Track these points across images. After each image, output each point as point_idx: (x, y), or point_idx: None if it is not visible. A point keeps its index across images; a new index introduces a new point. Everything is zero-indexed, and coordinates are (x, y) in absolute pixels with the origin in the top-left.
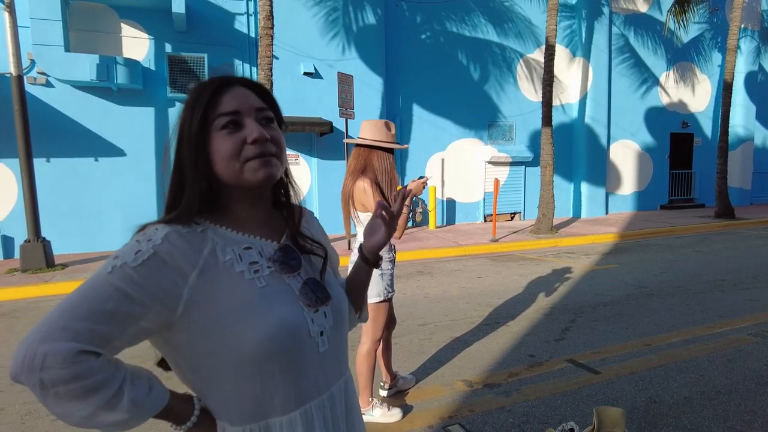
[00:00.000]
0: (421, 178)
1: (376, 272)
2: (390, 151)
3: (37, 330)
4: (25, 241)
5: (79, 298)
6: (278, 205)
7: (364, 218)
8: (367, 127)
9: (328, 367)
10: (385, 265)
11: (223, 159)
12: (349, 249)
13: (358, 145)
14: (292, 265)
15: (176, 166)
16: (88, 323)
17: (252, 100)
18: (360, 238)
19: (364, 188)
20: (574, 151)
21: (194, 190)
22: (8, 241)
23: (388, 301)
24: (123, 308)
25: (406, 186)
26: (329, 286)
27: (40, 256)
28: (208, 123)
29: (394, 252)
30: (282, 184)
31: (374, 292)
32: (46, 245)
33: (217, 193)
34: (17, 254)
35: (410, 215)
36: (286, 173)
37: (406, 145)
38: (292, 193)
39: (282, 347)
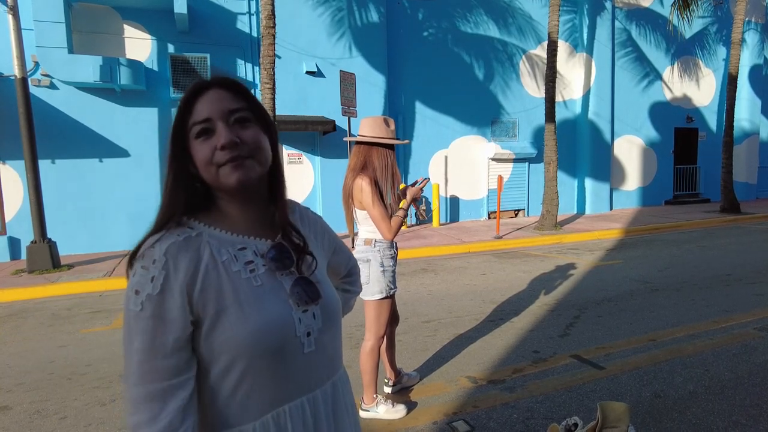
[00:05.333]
0: (414, 184)
1: (378, 269)
2: (390, 147)
3: (131, 413)
4: (32, 242)
5: (138, 353)
6: (271, 201)
7: (361, 216)
8: (366, 124)
9: (313, 368)
10: (387, 261)
11: (201, 166)
12: (352, 247)
13: (358, 142)
14: (284, 263)
15: (168, 171)
16: (164, 367)
17: (225, 103)
18: (361, 235)
19: (362, 187)
20: (578, 147)
21: (176, 194)
22: (15, 243)
23: (390, 297)
24: (176, 330)
25: (407, 187)
26: (321, 285)
27: (46, 257)
28: (186, 131)
29: (396, 249)
30: (274, 179)
31: (376, 289)
32: (52, 246)
33: (210, 194)
34: (24, 255)
35: (414, 214)
36: (277, 167)
37: (406, 141)
38: (281, 188)
39: (266, 345)
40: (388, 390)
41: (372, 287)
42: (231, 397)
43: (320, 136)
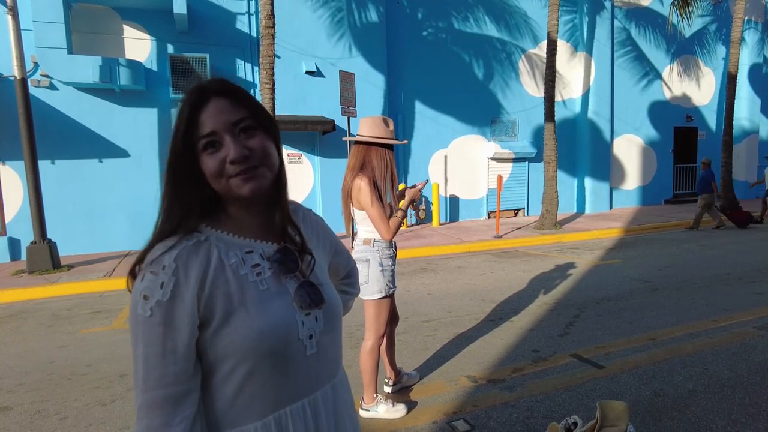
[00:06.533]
0: (413, 186)
1: (377, 268)
2: (389, 147)
3: (142, 417)
4: (31, 242)
5: (147, 359)
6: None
7: (360, 216)
8: (365, 123)
9: (314, 371)
10: (386, 261)
11: (210, 177)
12: (351, 247)
13: (357, 142)
14: (289, 267)
15: (167, 177)
16: (174, 373)
17: (227, 114)
18: (360, 235)
19: (361, 187)
20: (578, 147)
21: (185, 202)
22: (15, 243)
23: (389, 297)
24: (185, 336)
25: (406, 189)
26: (323, 288)
27: (47, 258)
28: (193, 143)
29: (395, 248)
30: (277, 180)
31: (376, 289)
32: (52, 246)
33: (216, 198)
34: (24, 256)
35: (414, 214)
36: (281, 168)
37: (404, 141)
38: (284, 188)
39: (269, 347)
40: (388, 389)
41: (371, 287)
42: (234, 399)
43: (320, 135)
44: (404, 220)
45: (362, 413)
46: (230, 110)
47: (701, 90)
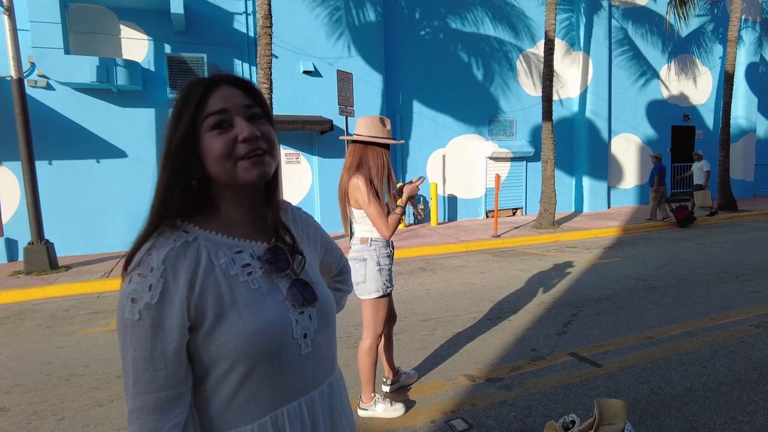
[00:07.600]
0: (411, 182)
1: (374, 268)
2: (386, 146)
3: (132, 422)
4: (29, 243)
5: (137, 363)
6: (266, 202)
7: (358, 215)
8: (362, 123)
9: (310, 370)
10: (383, 260)
11: (215, 159)
12: (348, 246)
13: (354, 141)
14: (280, 266)
15: (164, 168)
16: (164, 377)
17: (239, 98)
18: (357, 234)
19: (358, 186)
20: (576, 146)
21: (171, 193)
22: (12, 244)
23: (387, 296)
24: (175, 339)
25: (404, 185)
26: (316, 286)
27: (44, 258)
28: (198, 124)
29: (392, 248)
30: (271, 181)
31: (373, 288)
32: (49, 247)
33: (208, 194)
34: (21, 257)
35: (411, 213)
36: (277, 170)
37: (401, 141)
38: (276, 188)
39: (263, 348)
40: (386, 389)
41: (368, 286)
42: (229, 401)
43: (318, 135)
44: (402, 218)
45: (360, 412)
46: (241, 96)
47: (698, 89)
